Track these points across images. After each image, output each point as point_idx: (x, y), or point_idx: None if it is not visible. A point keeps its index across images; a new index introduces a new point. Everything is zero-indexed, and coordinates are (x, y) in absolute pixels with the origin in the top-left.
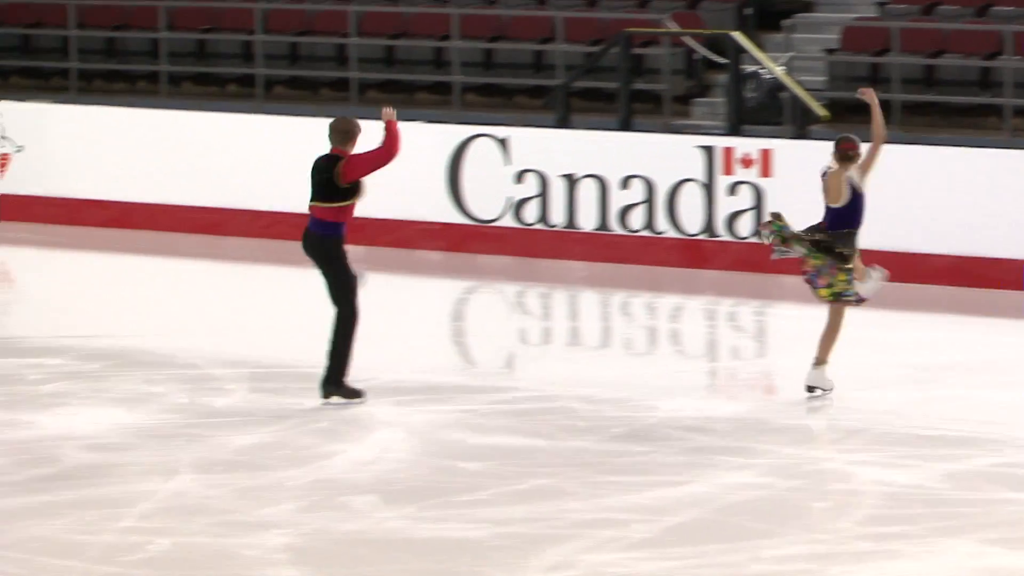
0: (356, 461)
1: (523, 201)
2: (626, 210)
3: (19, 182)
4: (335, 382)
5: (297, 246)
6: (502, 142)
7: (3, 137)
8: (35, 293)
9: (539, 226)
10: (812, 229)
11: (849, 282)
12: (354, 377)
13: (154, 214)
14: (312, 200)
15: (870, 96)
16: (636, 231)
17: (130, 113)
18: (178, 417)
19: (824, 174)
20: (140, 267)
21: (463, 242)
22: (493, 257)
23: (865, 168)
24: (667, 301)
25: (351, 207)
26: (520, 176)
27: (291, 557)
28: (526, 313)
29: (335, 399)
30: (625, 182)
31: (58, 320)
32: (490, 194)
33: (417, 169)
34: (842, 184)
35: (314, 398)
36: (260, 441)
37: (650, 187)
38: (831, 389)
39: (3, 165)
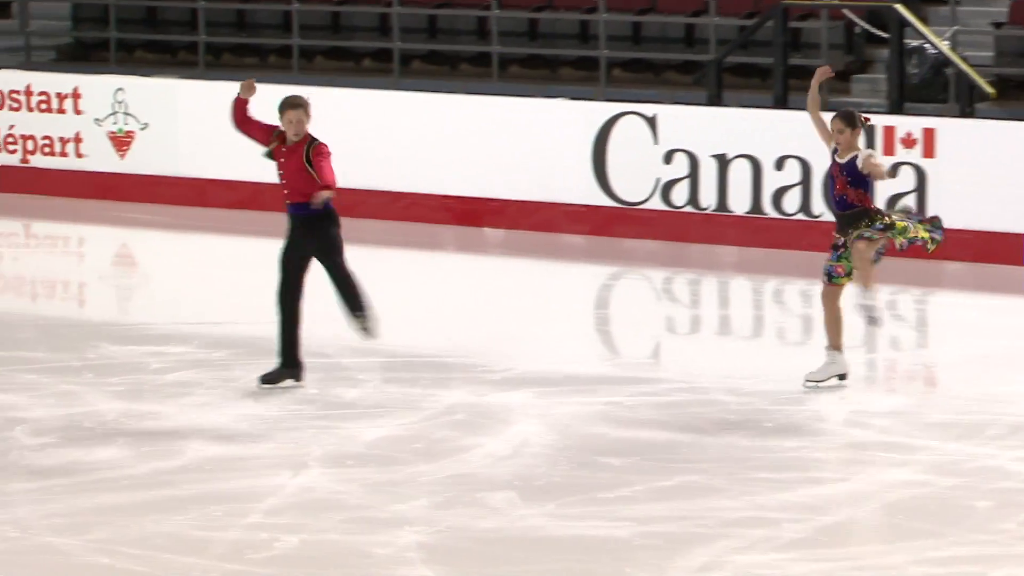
0: (493, 455)
1: (672, 183)
2: (780, 192)
3: (143, 162)
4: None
5: (437, 229)
6: (650, 120)
7: (127, 114)
8: (159, 278)
9: (688, 209)
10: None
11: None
12: (493, 366)
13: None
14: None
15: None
16: (791, 215)
17: (261, 89)
18: (307, 408)
19: (871, 155)
20: (268, 250)
21: (608, 225)
22: (640, 241)
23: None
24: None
25: None
26: (669, 156)
27: (425, 556)
28: (674, 300)
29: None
30: (780, 163)
31: (183, 306)
32: (637, 175)
33: (561, 149)
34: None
35: (450, 388)
36: (393, 434)
37: (806, 168)
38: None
39: (127, 144)
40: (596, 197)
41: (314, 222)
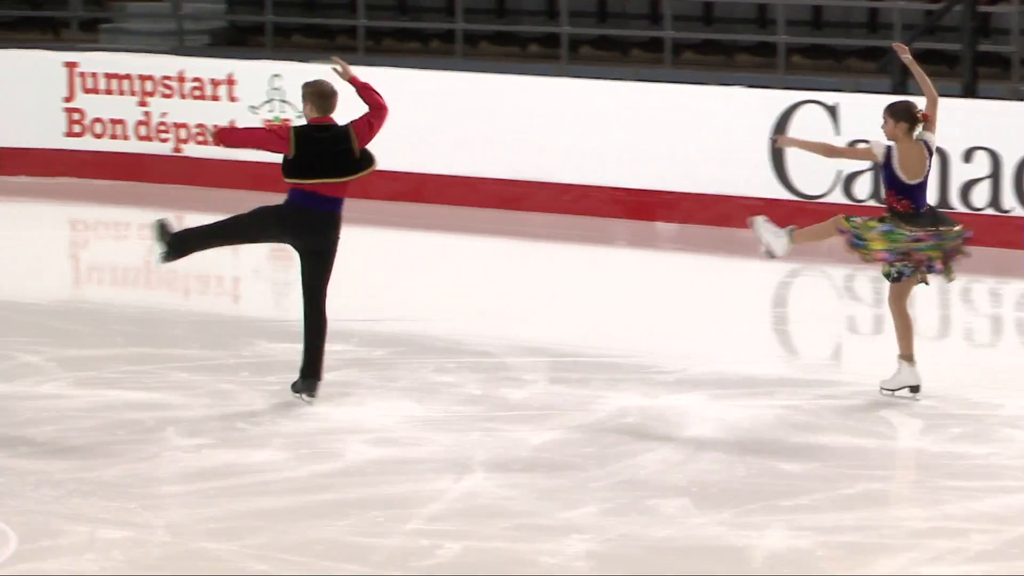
0: (667, 460)
1: (853, 175)
2: (968, 186)
3: None
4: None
5: (607, 223)
6: (831, 109)
7: (283, 101)
8: None
9: (870, 203)
10: (904, 219)
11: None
12: (666, 367)
13: (449, 187)
14: (327, 176)
15: (905, 53)
16: (979, 209)
17: (422, 75)
18: (472, 410)
19: (889, 148)
20: (432, 244)
21: (787, 219)
22: None
23: (933, 128)
24: (1015, 287)
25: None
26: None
27: (594, 565)
28: (856, 299)
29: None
30: (968, 155)
31: (343, 302)
32: (817, 167)
33: (737, 139)
34: (923, 152)
35: (621, 390)
36: (562, 437)
37: (996, 160)
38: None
39: None
40: (774, 190)
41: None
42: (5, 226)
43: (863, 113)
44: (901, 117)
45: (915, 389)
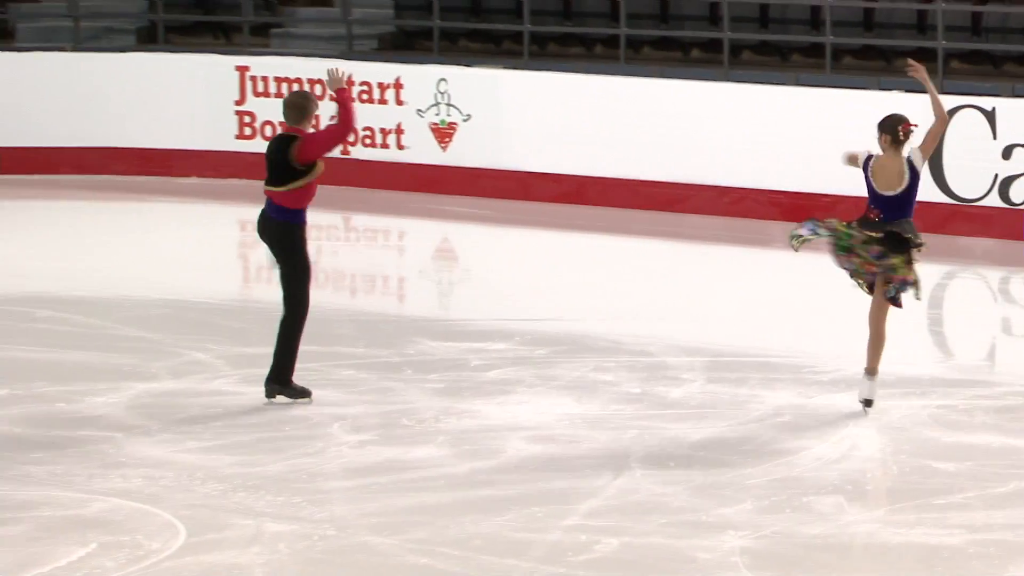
0: (822, 459)
1: (1011, 179)
2: None
3: (466, 154)
4: (281, 381)
5: (764, 225)
6: (989, 114)
7: (449, 105)
8: (481, 272)
9: None
10: (865, 224)
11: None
12: (821, 367)
13: (610, 189)
14: (267, 184)
15: (920, 72)
16: None
17: (586, 80)
18: (630, 408)
19: (869, 158)
20: (593, 245)
21: (944, 223)
22: (975, 239)
23: (927, 149)
24: None
25: (309, 189)
26: (1008, 152)
27: (749, 561)
28: (1011, 301)
29: (280, 398)
30: None
31: (504, 302)
32: (974, 171)
33: None
34: (903, 168)
35: (776, 389)
36: (718, 435)
37: None
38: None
39: (449, 135)
40: (931, 193)
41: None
42: (177, 226)
43: (1019, 117)
44: (884, 130)
45: (868, 403)
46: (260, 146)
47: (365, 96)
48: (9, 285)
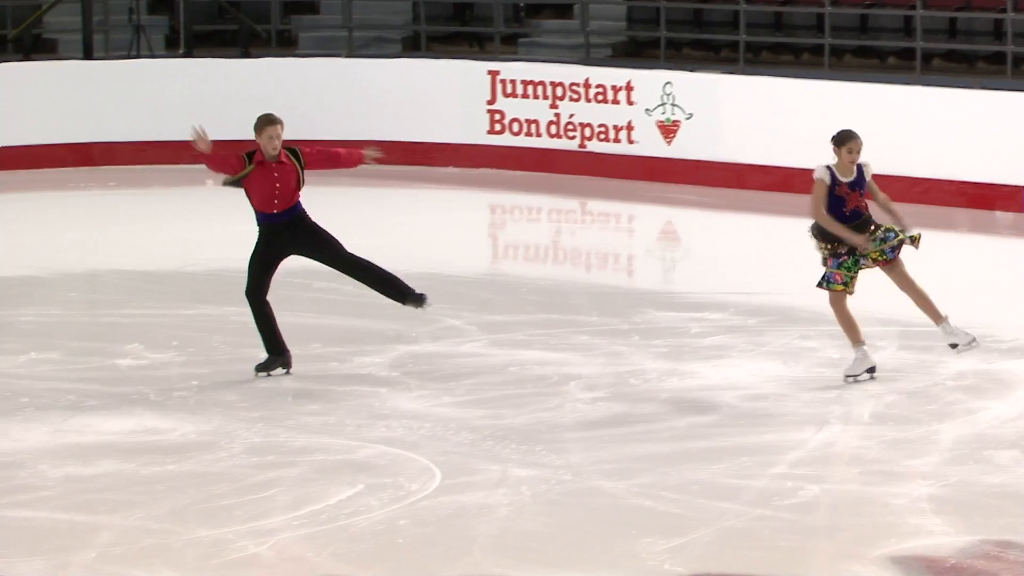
0: (1000, 417)
1: None
2: None
3: (688, 148)
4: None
5: (951, 211)
6: None
7: (674, 105)
8: (700, 251)
9: None
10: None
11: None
12: (1001, 336)
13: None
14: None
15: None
16: None
17: (794, 84)
18: (831, 371)
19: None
20: (798, 228)
21: None
22: None
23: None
24: None
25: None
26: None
27: (935, 507)
28: None
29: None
30: None
31: (720, 277)
32: None
33: None
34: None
35: (961, 356)
36: (908, 396)
37: None
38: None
39: (673, 132)
40: None
41: (299, 222)
42: (435, 209)
43: None
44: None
45: (872, 370)
46: (509, 140)
47: (600, 97)
48: (291, 260)
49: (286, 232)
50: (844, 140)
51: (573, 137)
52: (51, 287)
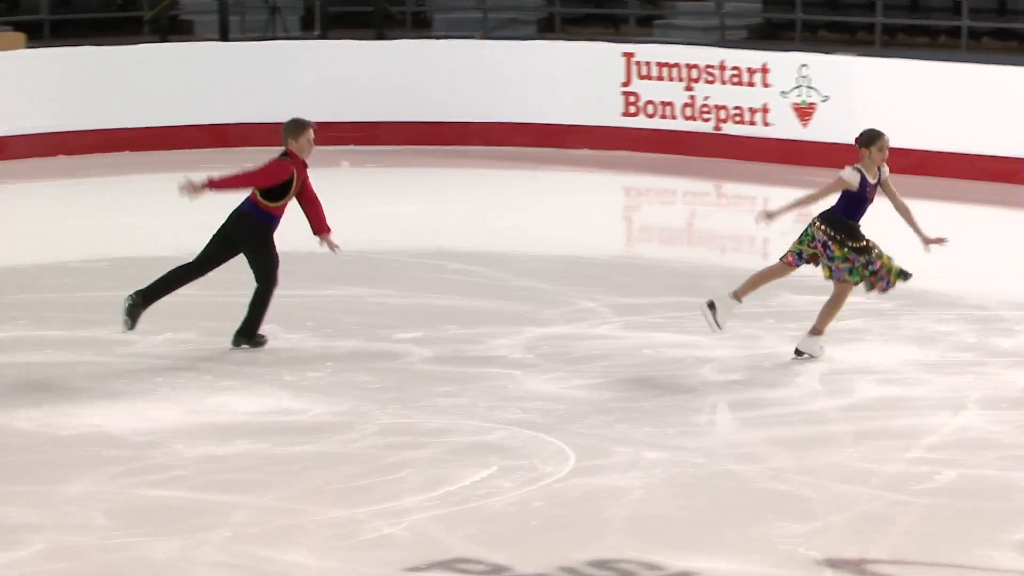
0: None
1: None
2: None
3: (823, 130)
4: (248, 334)
5: None
6: None
7: (810, 88)
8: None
9: None
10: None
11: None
12: None
13: (949, 162)
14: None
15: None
16: None
17: (931, 66)
18: (967, 355)
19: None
20: (933, 212)
21: None
22: None
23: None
24: None
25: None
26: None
27: None
28: None
29: (244, 346)
30: None
31: None
32: None
33: None
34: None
35: None
36: None
37: None
38: (818, 356)
39: (809, 114)
40: None
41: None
42: (569, 192)
43: None
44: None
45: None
46: (643, 122)
47: (736, 80)
48: (426, 241)
49: (262, 232)
50: (873, 139)
51: (708, 119)
52: None
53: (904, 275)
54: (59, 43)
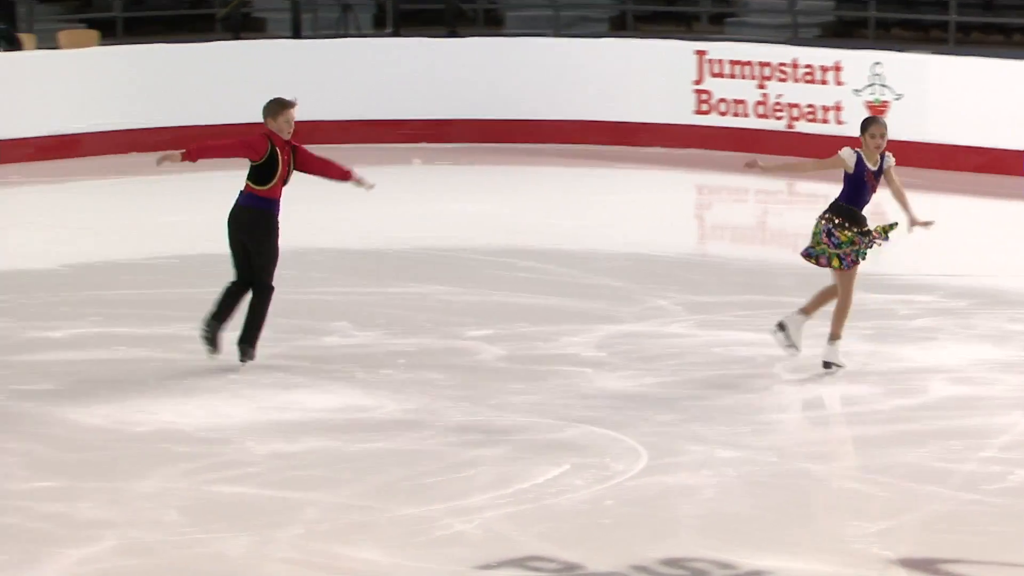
0: None
1: None
2: None
3: (897, 128)
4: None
5: None
6: None
7: (883, 86)
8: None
9: None
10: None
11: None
12: None
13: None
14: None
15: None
16: None
17: (1005, 64)
18: None
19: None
20: (1007, 210)
21: None
22: None
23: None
24: None
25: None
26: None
27: None
28: None
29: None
30: None
31: (929, 259)
32: None
33: None
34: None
35: None
36: None
37: None
38: (844, 364)
39: (882, 112)
40: None
41: (275, 214)
42: (641, 189)
43: None
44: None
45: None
46: (715, 120)
47: (808, 78)
48: (498, 239)
49: (263, 219)
50: (866, 126)
51: (780, 117)
52: None
53: (887, 229)
54: (132, 41)
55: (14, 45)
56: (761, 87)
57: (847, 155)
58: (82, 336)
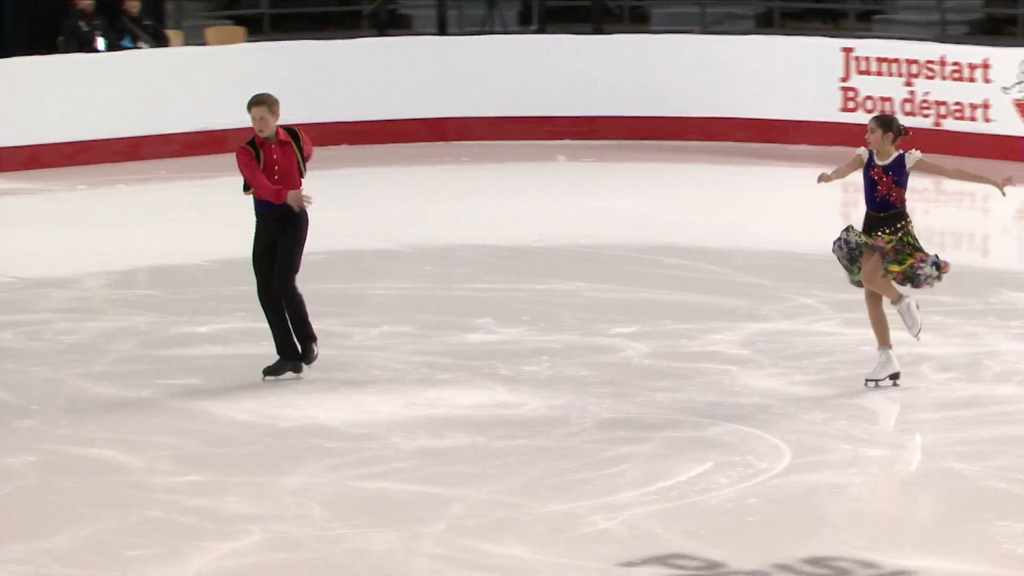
0: None
1: None
2: None
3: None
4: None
5: None
6: None
7: (1019, 84)
8: None
9: None
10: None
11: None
12: None
13: None
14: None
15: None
16: None
17: None
18: None
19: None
20: None
21: None
22: None
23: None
24: None
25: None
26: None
27: None
28: None
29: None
30: None
31: None
32: None
33: None
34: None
35: None
36: None
37: None
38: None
39: (1022, 110)
40: None
41: (298, 213)
42: (788, 187)
43: None
44: (893, 129)
45: (895, 377)
46: (862, 118)
47: (956, 75)
48: (643, 236)
49: (279, 221)
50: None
51: (928, 115)
52: (405, 261)
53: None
54: (278, 37)
55: (162, 41)
56: (908, 84)
57: (862, 153)
58: (228, 331)
